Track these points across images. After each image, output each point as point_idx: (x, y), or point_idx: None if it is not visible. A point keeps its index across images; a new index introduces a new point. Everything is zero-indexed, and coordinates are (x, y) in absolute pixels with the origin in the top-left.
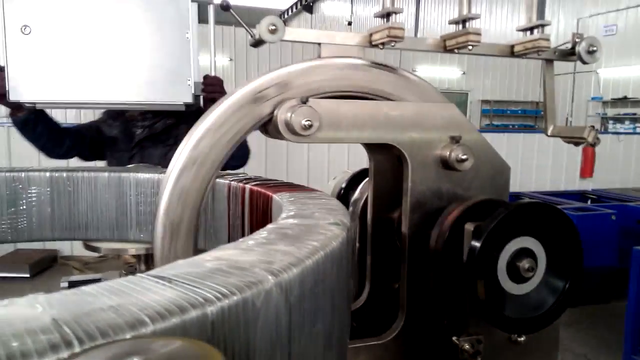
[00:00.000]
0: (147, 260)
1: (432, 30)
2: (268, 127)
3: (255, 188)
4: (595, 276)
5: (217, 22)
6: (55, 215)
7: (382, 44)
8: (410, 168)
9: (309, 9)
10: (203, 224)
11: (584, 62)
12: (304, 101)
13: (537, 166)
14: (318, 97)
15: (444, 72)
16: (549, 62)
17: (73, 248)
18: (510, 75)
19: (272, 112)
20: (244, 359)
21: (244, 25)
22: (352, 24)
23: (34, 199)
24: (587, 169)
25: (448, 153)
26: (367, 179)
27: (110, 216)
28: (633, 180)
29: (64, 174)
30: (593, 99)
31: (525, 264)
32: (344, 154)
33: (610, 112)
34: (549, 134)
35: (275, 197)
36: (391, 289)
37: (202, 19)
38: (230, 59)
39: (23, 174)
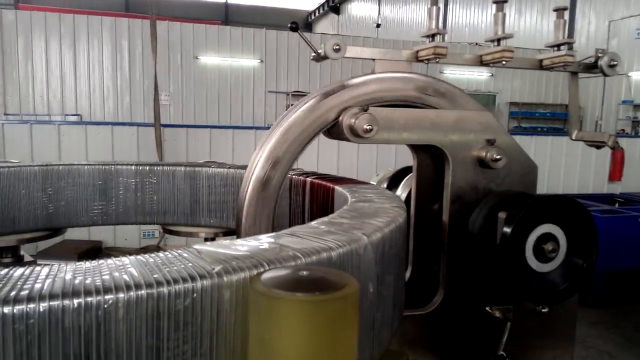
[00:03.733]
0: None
1: (459, 30)
2: (331, 130)
3: (315, 181)
4: (620, 277)
5: (247, 24)
6: (138, 203)
7: (428, 59)
8: (451, 166)
9: (336, 10)
10: None
11: (606, 75)
12: (365, 109)
13: (565, 169)
14: (375, 106)
15: (472, 74)
16: (574, 74)
17: (116, 239)
18: (539, 78)
19: (336, 118)
20: None
21: (309, 43)
22: (381, 25)
23: (121, 188)
24: (615, 173)
25: (484, 153)
26: (408, 176)
27: (185, 204)
28: None
29: (147, 168)
30: (623, 102)
31: (549, 246)
32: (392, 153)
33: None
34: (573, 138)
35: (337, 188)
36: (430, 271)
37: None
38: (261, 61)
39: (113, 167)
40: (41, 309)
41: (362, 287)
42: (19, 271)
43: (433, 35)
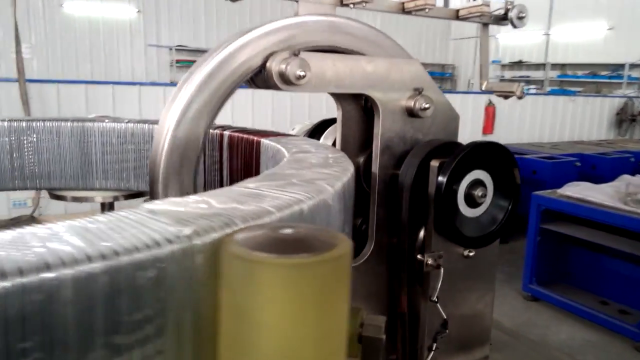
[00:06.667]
0: (112, 208)
1: None
2: (255, 78)
3: (235, 134)
4: None
5: None
6: (16, 165)
7: (354, 3)
8: (381, 116)
9: None
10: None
11: (515, 26)
12: (296, 53)
13: None
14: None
15: None
16: (485, 25)
17: None
18: (419, 37)
19: (262, 64)
20: None
21: None
22: None
23: None
24: (488, 126)
25: (413, 103)
26: (329, 128)
27: (75, 165)
28: (527, 136)
29: (24, 124)
30: (493, 62)
31: (479, 192)
32: (305, 105)
33: (508, 74)
34: (483, 89)
35: (264, 140)
36: (354, 226)
37: None
38: (139, 11)
39: None
40: None
41: None
42: None
43: None
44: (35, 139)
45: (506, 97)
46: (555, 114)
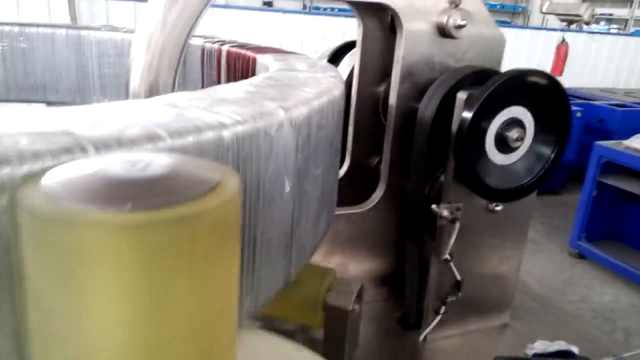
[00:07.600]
0: None
1: None
2: None
3: (233, 50)
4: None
5: None
6: (8, 74)
7: None
8: (404, 34)
9: None
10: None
11: None
12: None
13: (510, 63)
14: None
15: None
16: None
17: None
18: None
19: None
20: (254, 186)
21: None
22: None
23: None
24: (557, 67)
25: (446, 19)
26: (352, 50)
27: (70, 78)
28: (600, 80)
29: (16, 29)
30: None
31: (514, 133)
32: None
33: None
34: (544, 11)
35: (260, 57)
36: (369, 164)
37: None
38: None
39: None
40: None
41: (273, 186)
42: None
43: None
44: (28, 47)
45: (571, 23)
46: (636, 58)
